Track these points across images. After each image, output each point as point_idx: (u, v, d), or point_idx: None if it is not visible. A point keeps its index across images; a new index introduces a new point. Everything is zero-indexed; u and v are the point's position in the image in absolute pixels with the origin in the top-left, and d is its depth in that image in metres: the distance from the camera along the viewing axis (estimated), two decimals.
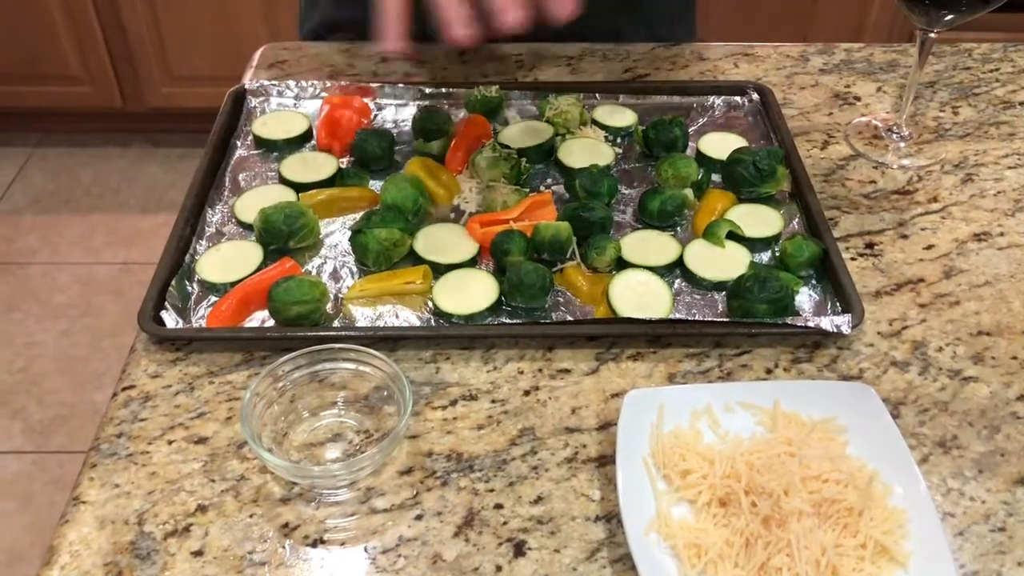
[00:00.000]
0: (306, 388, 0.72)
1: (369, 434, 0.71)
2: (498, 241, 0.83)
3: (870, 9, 2.43)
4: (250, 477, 0.68)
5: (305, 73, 1.10)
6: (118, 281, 2.43)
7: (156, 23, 2.49)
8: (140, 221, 2.62)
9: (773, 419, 0.70)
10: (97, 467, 0.69)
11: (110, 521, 0.65)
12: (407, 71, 1.11)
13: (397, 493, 0.67)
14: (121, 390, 0.74)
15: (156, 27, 2.50)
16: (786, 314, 0.78)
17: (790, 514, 0.62)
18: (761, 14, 2.44)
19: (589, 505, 0.66)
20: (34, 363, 2.21)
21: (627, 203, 0.92)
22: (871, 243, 0.89)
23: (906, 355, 0.78)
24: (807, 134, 1.03)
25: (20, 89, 2.65)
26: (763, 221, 0.88)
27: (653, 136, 0.97)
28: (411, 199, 0.88)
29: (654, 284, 0.81)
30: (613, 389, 0.74)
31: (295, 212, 0.84)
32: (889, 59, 1.15)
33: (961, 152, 1.01)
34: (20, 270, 2.45)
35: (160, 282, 0.80)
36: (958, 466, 0.69)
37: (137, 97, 2.67)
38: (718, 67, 1.13)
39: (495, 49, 1.14)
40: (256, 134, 0.98)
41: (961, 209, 0.93)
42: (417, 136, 0.98)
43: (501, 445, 0.70)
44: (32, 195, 2.70)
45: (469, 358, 0.77)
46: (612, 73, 1.11)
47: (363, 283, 0.82)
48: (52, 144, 2.86)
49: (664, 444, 0.68)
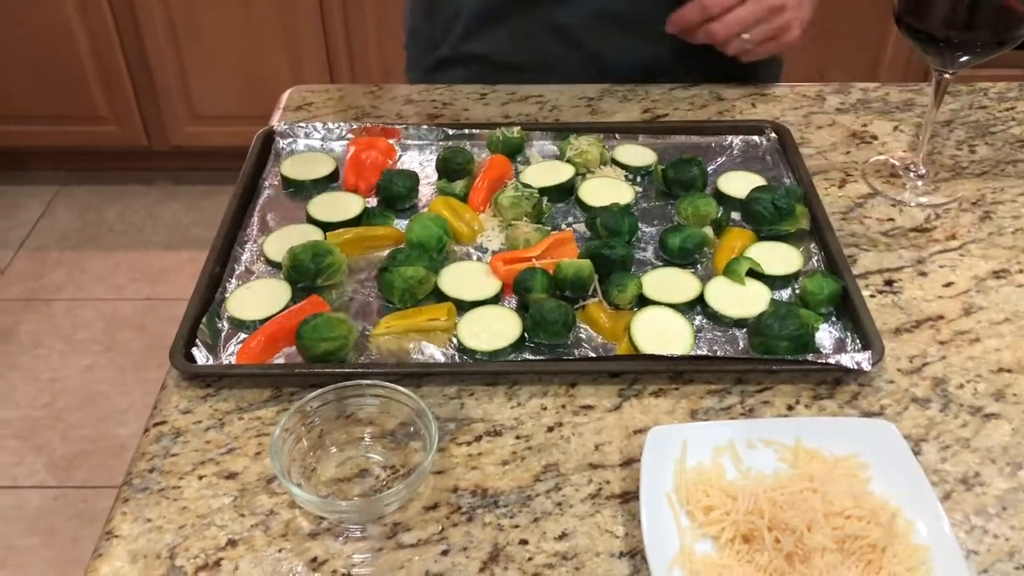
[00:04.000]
0: (334, 424, 0.73)
1: (395, 469, 0.72)
2: (521, 279, 0.85)
3: (885, 47, 2.45)
4: (279, 512, 0.69)
5: (331, 115, 1.13)
6: (142, 317, 2.46)
7: (181, 64, 2.55)
8: (164, 258, 2.65)
9: (795, 455, 0.70)
10: (129, 501, 0.70)
11: (142, 555, 0.66)
12: (430, 113, 1.13)
13: (423, 528, 0.68)
14: (153, 425, 0.76)
15: (181, 68, 2.56)
16: (807, 351, 0.79)
17: (813, 550, 0.62)
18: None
19: (613, 541, 0.67)
20: (58, 398, 2.23)
21: (648, 241, 0.93)
22: (890, 280, 0.90)
23: (927, 392, 0.78)
24: (825, 172, 1.04)
25: (48, 129, 2.71)
26: (782, 259, 0.89)
27: (672, 175, 0.98)
28: (435, 237, 0.90)
29: (675, 321, 0.82)
30: (636, 425, 0.75)
31: (323, 251, 0.86)
32: (905, 98, 1.17)
33: (978, 190, 1.02)
34: (45, 306, 2.49)
35: (191, 319, 0.82)
36: (981, 503, 0.70)
37: (162, 136, 2.72)
38: (735, 107, 1.14)
39: (516, 91, 1.17)
40: (284, 175, 1.00)
41: (979, 247, 0.94)
42: (441, 176, 1.00)
43: (525, 481, 0.71)
44: (58, 232, 2.74)
45: (493, 394, 0.78)
46: (631, 113, 1.13)
47: (389, 320, 0.83)
48: (78, 182, 2.92)
49: (687, 480, 0.68)
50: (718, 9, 1.02)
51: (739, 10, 1.02)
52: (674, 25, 1.06)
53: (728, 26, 1.03)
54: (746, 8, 1.02)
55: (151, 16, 2.47)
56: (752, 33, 1.04)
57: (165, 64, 2.56)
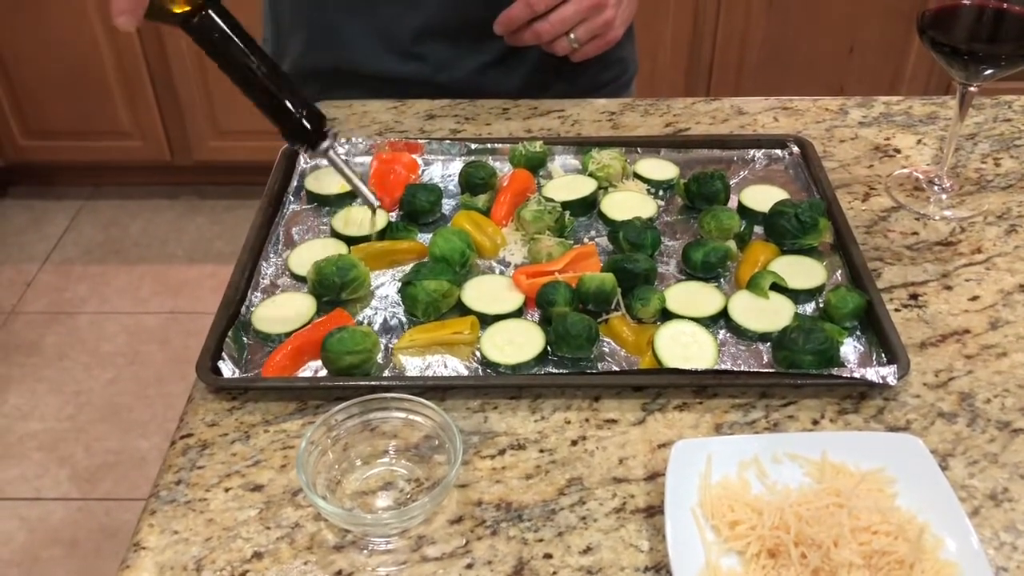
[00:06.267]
0: (359, 437, 0.74)
1: (420, 482, 0.72)
2: (544, 292, 0.85)
3: (907, 59, 2.44)
4: (304, 525, 0.69)
5: (355, 130, 1.14)
6: (165, 330, 2.48)
7: (204, 80, 2.58)
8: (187, 271, 2.68)
9: (821, 470, 0.70)
10: (156, 513, 0.71)
11: (169, 567, 0.67)
12: (453, 128, 1.14)
13: (448, 542, 0.68)
14: (179, 438, 0.77)
15: (204, 84, 2.59)
16: (831, 365, 0.79)
17: (840, 566, 0.62)
18: (797, 65, 2.47)
19: (638, 556, 0.67)
20: (82, 410, 2.25)
21: (670, 255, 0.93)
22: (915, 294, 0.89)
23: (953, 406, 0.78)
24: (848, 186, 1.04)
25: (74, 144, 2.75)
26: (806, 273, 0.89)
27: (695, 189, 0.98)
28: (458, 251, 0.90)
29: (699, 335, 0.82)
30: (660, 439, 0.75)
31: (347, 264, 0.87)
32: (928, 111, 1.17)
33: (1004, 203, 1.01)
34: (70, 319, 2.52)
35: (217, 333, 0.83)
36: (1010, 519, 0.69)
37: (185, 151, 2.76)
38: (757, 121, 1.14)
39: (538, 106, 1.17)
40: (309, 189, 1.01)
41: (1006, 260, 0.93)
42: (464, 190, 1.01)
43: (550, 495, 0.71)
44: (83, 246, 2.77)
45: (517, 408, 0.78)
46: (653, 127, 1.14)
47: (412, 333, 0.84)
48: (103, 196, 2.95)
49: (712, 495, 0.68)
50: (543, 6, 1.04)
51: (562, 8, 1.05)
52: (501, 26, 1.08)
53: (553, 24, 1.05)
54: (569, 7, 1.05)
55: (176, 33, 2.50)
56: (576, 32, 1.07)
57: (189, 80, 2.59)
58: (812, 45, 2.43)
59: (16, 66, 2.59)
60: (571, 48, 1.08)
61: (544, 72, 1.20)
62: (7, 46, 2.56)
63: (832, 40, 2.43)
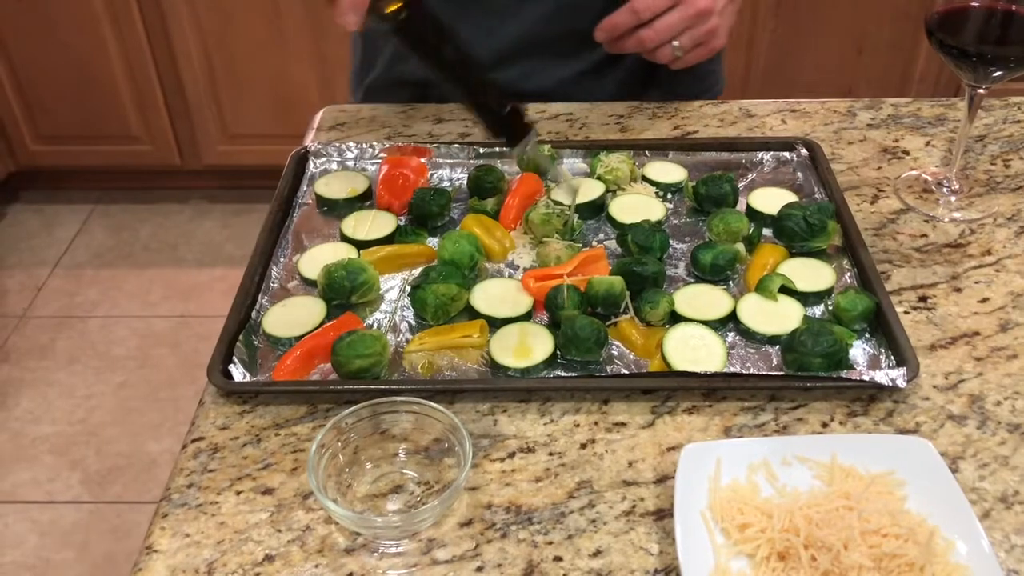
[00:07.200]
0: (369, 440, 0.74)
1: (430, 485, 0.73)
2: (552, 295, 0.85)
3: (916, 61, 2.44)
4: (315, 527, 0.70)
5: (364, 134, 1.14)
6: (175, 334, 2.49)
7: (213, 85, 2.59)
8: (197, 275, 2.69)
9: (831, 473, 0.70)
10: (168, 517, 0.71)
11: (181, 570, 0.67)
12: (461, 131, 1.14)
13: (458, 545, 0.68)
14: (191, 441, 0.77)
15: (213, 88, 2.60)
16: (840, 368, 0.79)
17: (850, 569, 0.62)
18: (805, 67, 2.46)
19: (648, 559, 0.67)
20: (93, 414, 2.27)
21: (679, 258, 0.94)
22: (924, 296, 0.89)
23: (963, 409, 0.78)
24: (856, 188, 1.04)
25: (84, 149, 2.77)
26: (815, 275, 0.89)
27: (703, 191, 0.98)
28: (467, 255, 0.90)
29: (708, 338, 0.82)
30: (669, 442, 0.75)
31: (357, 268, 0.87)
32: (937, 113, 1.16)
33: (1014, 205, 1.01)
34: (80, 323, 2.53)
35: (228, 337, 0.83)
36: (1021, 522, 0.69)
37: (195, 155, 2.77)
38: (766, 123, 1.14)
39: (545, 109, 1.17)
40: (318, 194, 1.02)
41: (1016, 262, 0.93)
42: (472, 194, 1.01)
43: (559, 498, 0.71)
44: (93, 250, 2.79)
45: (526, 411, 0.78)
46: (661, 130, 1.14)
47: (422, 337, 0.84)
48: (113, 201, 2.97)
49: (722, 498, 0.68)
50: (648, 13, 1.01)
51: (668, 16, 1.02)
52: (604, 32, 1.05)
53: (658, 32, 1.03)
54: (675, 14, 1.02)
55: (184, 38, 2.51)
56: (681, 39, 1.04)
57: (198, 85, 2.60)
58: (820, 47, 2.43)
59: (26, 71, 2.61)
60: (674, 56, 1.05)
61: (636, 83, 1.18)
62: (17, 51, 2.57)
63: (840, 42, 2.43)
